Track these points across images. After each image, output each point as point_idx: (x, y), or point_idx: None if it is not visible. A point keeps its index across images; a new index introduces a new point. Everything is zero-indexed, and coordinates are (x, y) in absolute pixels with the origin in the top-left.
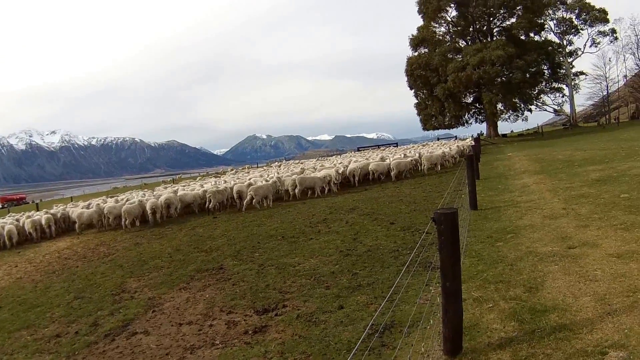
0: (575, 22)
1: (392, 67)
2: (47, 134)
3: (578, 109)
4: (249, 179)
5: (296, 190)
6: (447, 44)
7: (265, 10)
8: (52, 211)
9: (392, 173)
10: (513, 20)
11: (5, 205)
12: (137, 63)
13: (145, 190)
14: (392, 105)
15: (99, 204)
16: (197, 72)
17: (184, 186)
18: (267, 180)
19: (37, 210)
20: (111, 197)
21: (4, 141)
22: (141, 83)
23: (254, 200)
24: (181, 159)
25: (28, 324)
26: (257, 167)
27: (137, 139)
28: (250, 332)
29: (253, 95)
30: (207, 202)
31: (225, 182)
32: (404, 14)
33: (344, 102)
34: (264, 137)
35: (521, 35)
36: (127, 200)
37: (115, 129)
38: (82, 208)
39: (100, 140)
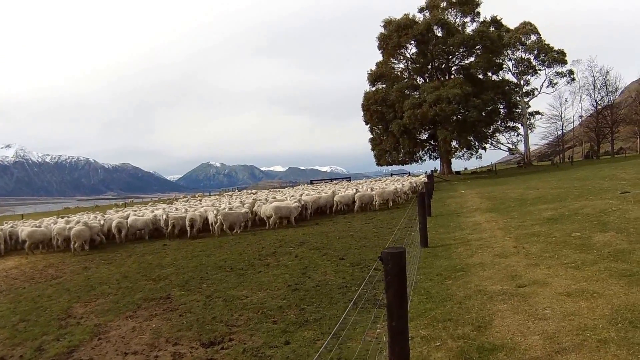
0: (534, 62)
1: (349, 102)
2: (2, 147)
3: (532, 148)
4: (202, 208)
5: (271, 220)
6: (405, 81)
7: (225, 39)
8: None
9: (374, 203)
10: (472, 59)
11: None
12: (94, 83)
13: (97, 212)
14: (347, 140)
15: (49, 225)
16: (154, 97)
17: (135, 211)
18: (229, 209)
19: None
20: (62, 217)
21: None
22: (97, 103)
23: (224, 226)
24: (134, 182)
25: None
26: (210, 195)
27: (91, 159)
28: None
29: (208, 123)
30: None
31: (176, 209)
32: (364, 49)
33: (299, 134)
34: (218, 165)
35: (479, 74)
36: (78, 222)
37: (70, 147)
38: (33, 227)
39: (55, 157)
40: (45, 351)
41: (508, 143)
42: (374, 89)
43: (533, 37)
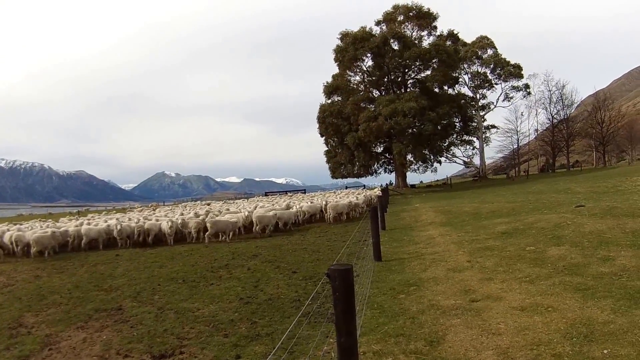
0: (490, 76)
1: (305, 114)
2: None
3: (488, 162)
4: (155, 218)
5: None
6: (361, 93)
7: (180, 48)
8: None
9: (328, 215)
10: (428, 72)
11: None
12: (49, 85)
13: (50, 220)
14: (303, 152)
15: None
16: (109, 104)
17: (89, 220)
18: (176, 220)
19: None
20: (15, 224)
21: None
22: (53, 107)
23: (208, 234)
24: (89, 190)
25: None
26: (164, 205)
27: (46, 165)
28: None
29: (164, 133)
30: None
31: (129, 219)
32: (320, 60)
33: (255, 145)
34: (173, 175)
35: (435, 88)
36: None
37: (24, 152)
38: None
39: (9, 162)
40: None
41: (463, 156)
42: (329, 101)
43: (489, 51)
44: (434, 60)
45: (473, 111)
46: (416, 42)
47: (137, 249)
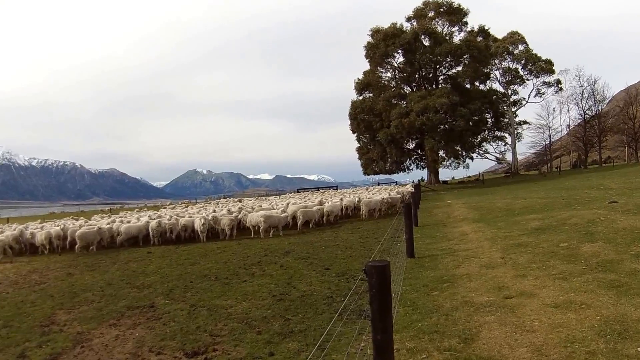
0: (521, 72)
1: (336, 110)
2: None
3: (520, 157)
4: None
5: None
6: (392, 90)
7: (212, 47)
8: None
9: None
10: (459, 68)
11: None
12: (80, 87)
13: (82, 218)
14: (334, 148)
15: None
16: (140, 103)
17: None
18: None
19: None
20: (47, 222)
21: None
22: (85, 107)
23: (262, 228)
24: (120, 188)
25: None
26: (196, 202)
27: (77, 164)
28: None
29: (195, 131)
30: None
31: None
32: (352, 57)
33: (286, 142)
34: (205, 172)
35: (466, 84)
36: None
37: (56, 151)
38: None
39: (41, 161)
40: (27, 358)
41: (495, 152)
42: (361, 97)
43: (520, 47)
44: (465, 56)
45: (505, 107)
46: (447, 38)
47: (170, 246)
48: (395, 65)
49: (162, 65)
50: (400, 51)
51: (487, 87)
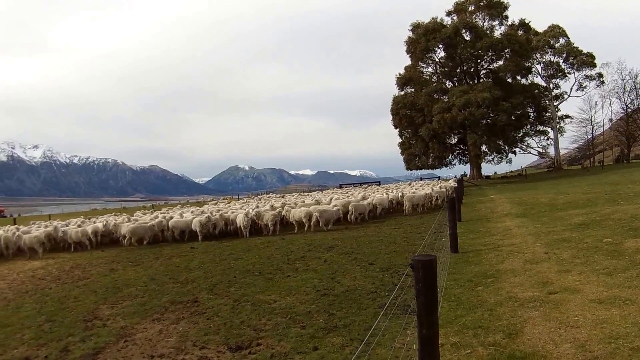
0: (563, 66)
1: (379, 105)
2: (30, 148)
3: (562, 152)
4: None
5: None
6: (434, 85)
7: (251, 43)
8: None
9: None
10: (500, 62)
11: None
12: (118, 86)
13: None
14: (376, 143)
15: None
16: (181, 100)
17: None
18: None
19: (15, 224)
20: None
21: None
22: (126, 104)
23: (320, 222)
24: (162, 185)
25: None
26: (238, 198)
27: (119, 161)
28: None
29: (237, 127)
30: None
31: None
32: (393, 52)
33: (328, 138)
34: (247, 168)
35: (508, 78)
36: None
37: (98, 149)
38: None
39: (83, 159)
40: (70, 352)
41: (538, 147)
42: (402, 93)
43: (562, 40)
44: (506, 50)
45: (547, 101)
46: (488, 32)
47: (213, 242)
48: (437, 60)
49: (205, 62)
50: (441, 46)
51: (529, 82)
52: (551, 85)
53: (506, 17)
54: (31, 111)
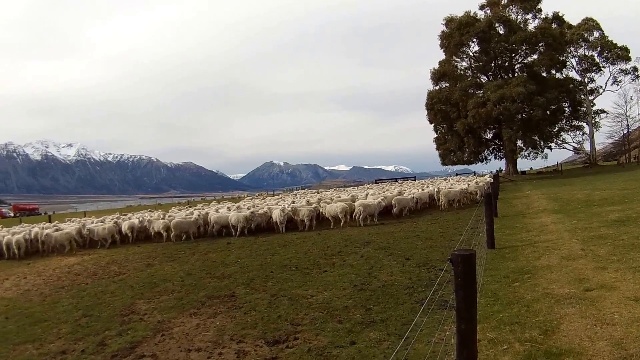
0: (597, 59)
1: (412, 100)
2: (64, 147)
3: (598, 148)
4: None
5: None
6: (468, 79)
7: (286, 38)
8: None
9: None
10: (535, 56)
11: (17, 214)
12: (155, 79)
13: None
14: (411, 139)
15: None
16: (215, 97)
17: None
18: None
19: (50, 221)
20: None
21: (19, 150)
22: (160, 101)
23: (360, 217)
24: (197, 181)
25: (34, 338)
26: (274, 194)
27: (153, 158)
28: None
29: (269, 123)
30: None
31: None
32: (427, 47)
33: (363, 133)
34: (282, 164)
35: (542, 72)
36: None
37: (131, 146)
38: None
39: (117, 156)
40: (107, 346)
41: (573, 142)
42: (437, 87)
43: (595, 34)
44: (540, 44)
45: (582, 95)
46: (521, 25)
47: (249, 237)
48: (471, 54)
49: (239, 58)
50: (475, 40)
51: (564, 76)
52: (586, 80)
53: (539, 10)
54: (64, 111)
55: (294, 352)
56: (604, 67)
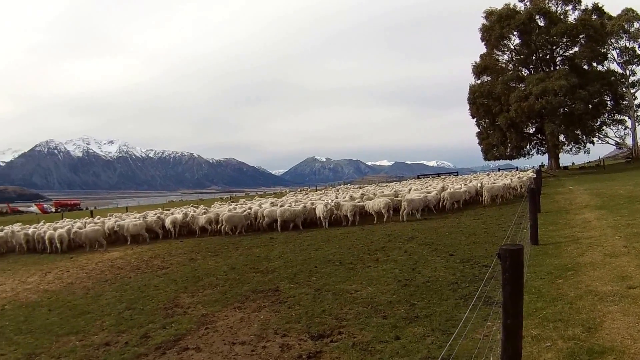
0: (638, 51)
1: (454, 94)
2: (105, 143)
3: None
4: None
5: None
6: (510, 72)
7: (327, 34)
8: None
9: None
10: (575, 49)
11: (59, 210)
12: (196, 75)
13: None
14: (453, 133)
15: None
16: (256, 93)
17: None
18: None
19: (92, 217)
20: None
21: (60, 147)
22: (201, 97)
23: (404, 211)
24: (239, 177)
25: (77, 330)
26: (316, 189)
27: (195, 154)
28: (304, 357)
29: (310, 118)
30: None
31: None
32: (468, 40)
33: (405, 128)
34: (323, 159)
35: (584, 65)
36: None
37: (173, 143)
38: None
39: (158, 153)
40: (151, 338)
41: (615, 137)
42: (479, 81)
43: (636, 24)
44: (581, 36)
45: (623, 89)
46: (561, 17)
47: (292, 232)
48: (511, 47)
49: (280, 54)
50: (515, 33)
51: (605, 68)
52: (627, 72)
53: (579, 1)
54: (105, 109)
55: (338, 346)
56: None
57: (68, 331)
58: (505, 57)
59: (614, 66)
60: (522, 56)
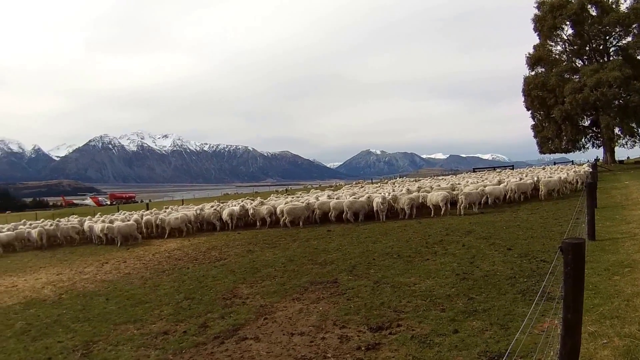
0: None
1: (508, 86)
2: (159, 138)
3: None
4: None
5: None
6: (564, 64)
7: (378, 27)
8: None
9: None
10: (629, 39)
11: (114, 202)
12: (251, 69)
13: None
14: (508, 126)
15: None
16: (311, 86)
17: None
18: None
19: (147, 209)
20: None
21: (115, 142)
22: (256, 91)
23: (462, 205)
24: (293, 170)
25: (135, 319)
26: (372, 182)
27: (250, 147)
28: (363, 349)
29: (368, 112)
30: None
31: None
32: (521, 30)
33: (459, 121)
34: (378, 152)
35: (638, 56)
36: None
37: (227, 136)
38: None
39: (213, 146)
40: (209, 328)
41: None
42: (533, 73)
43: None
44: (634, 25)
45: None
46: (613, 6)
47: (349, 225)
48: (565, 37)
49: (335, 46)
50: (568, 22)
51: None
52: None
53: None
54: (158, 104)
55: (397, 338)
56: None
57: (126, 320)
58: (559, 47)
59: None
60: (575, 47)
